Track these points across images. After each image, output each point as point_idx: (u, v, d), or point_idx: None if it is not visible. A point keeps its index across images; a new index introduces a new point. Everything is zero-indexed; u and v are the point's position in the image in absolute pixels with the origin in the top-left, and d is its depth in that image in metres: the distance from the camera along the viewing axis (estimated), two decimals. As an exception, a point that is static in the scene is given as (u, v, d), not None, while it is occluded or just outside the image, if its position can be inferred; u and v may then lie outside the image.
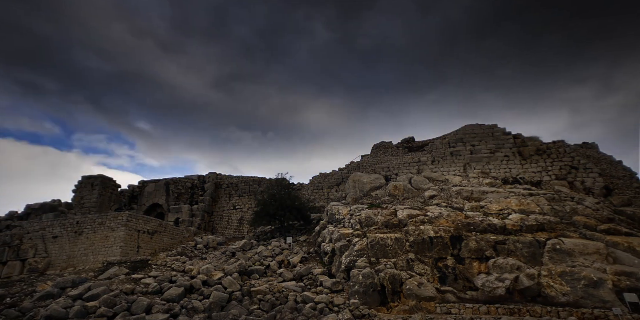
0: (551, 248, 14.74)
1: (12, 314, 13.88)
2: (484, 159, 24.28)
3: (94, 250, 19.47)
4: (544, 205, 18.01)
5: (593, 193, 20.62)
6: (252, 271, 17.21)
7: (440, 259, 15.52)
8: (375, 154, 28.58)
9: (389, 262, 15.59)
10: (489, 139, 24.88)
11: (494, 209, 18.26)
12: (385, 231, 17.55)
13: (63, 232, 20.38)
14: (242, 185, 31.30)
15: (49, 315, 13.09)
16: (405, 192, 22.71)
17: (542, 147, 23.75)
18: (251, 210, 28.27)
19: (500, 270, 14.36)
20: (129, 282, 15.78)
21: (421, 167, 25.62)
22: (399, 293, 14.22)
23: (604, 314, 12.10)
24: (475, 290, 14.19)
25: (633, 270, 13.27)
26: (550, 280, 13.60)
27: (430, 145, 26.64)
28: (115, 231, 19.69)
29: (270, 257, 19.19)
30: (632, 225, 16.73)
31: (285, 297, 14.61)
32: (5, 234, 20.99)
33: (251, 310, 14.02)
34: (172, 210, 29.01)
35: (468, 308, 13.31)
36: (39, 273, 18.86)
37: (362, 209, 20.07)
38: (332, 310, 13.55)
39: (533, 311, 12.79)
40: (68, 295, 14.60)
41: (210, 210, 30.22)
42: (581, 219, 16.61)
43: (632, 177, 22.59)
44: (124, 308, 13.54)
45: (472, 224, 16.71)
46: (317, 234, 21.29)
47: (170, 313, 13.44)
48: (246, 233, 28.14)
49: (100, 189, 29.50)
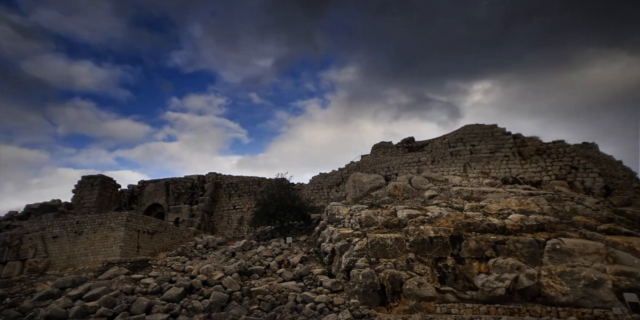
0: (551, 248, 14.74)
1: (12, 314, 13.88)
2: (484, 159, 24.28)
3: (94, 250, 19.47)
4: (544, 205, 18.01)
5: (593, 193, 20.62)
6: (252, 271, 17.21)
7: (440, 259, 15.52)
8: (375, 154, 28.59)
9: (389, 262, 15.58)
10: (488, 139, 24.89)
11: (494, 209, 18.26)
12: (385, 231, 17.54)
13: (63, 232, 20.38)
14: (242, 185, 31.31)
15: (48, 315, 13.09)
16: (405, 192, 22.71)
17: (542, 147, 23.77)
18: (251, 210, 28.26)
19: (500, 270, 14.35)
20: (129, 282, 15.78)
21: (421, 167, 25.63)
22: (399, 293, 14.22)
23: (604, 314, 12.09)
24: (475, 290, 14.19)
25: (633, 270, 13.27)
26: (550, 280, 13.60)
27: (430, 145, 26.64)
28: (115, 231, 19.69)
29: (270, 257, 19.19)
30: (632, 225, 16.74)
31: (285, 297, 14.60)
32: (5, 234, 20.97)
33: (251, 310, 14.01)
34: (172, 210, 29.02)
35: (468, 308, 13.31)
36: (38, 273, 18.84)
37: (362, 209, 20.06)
38: (332, 310, 13.54)
39: (533, 311, 12.78)
40: (68, 295, 14.61)
41: (210, 210, 30.21)
42: (581, 219, 16.61)
43: (632, 177, 22.61)
44: (123, 308, 13.55)
45: (472, 224, 16.71)
46: (317, 234, 21.29)
47: (170, 313, 13.44)
48: (246, 233, 28.13)
49: (100, 189, 29.49)
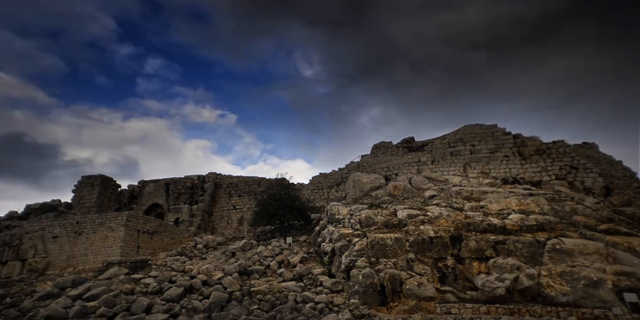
0: (551, 248, 14.74)
1: (12, 314, 13.88)
2: (484, 159, 24.27)
3: (93, 250, 19.47)
4: (544, 205, 18.01)
5: (593, 193, 20.61)
6: (252, 271, 17.20)
7: (440, 259, 15.51)
8: (375, 154, 28.59)
9: (389, 262, 15.58)
10: (488, 139, 24.88)
11: (494, 209, 18.26)
12: (385, 231, 17.54)
13: (63, 232, 20.37)
14: (242, 185, 31.29)
15: (48, 315, 13.10)
16: (405, 192, 22.70)
17: (542, 147, 23.75)
18: (251, 210, 28.22)
19: (500, 270, 14.35)
20: (129, 282, 15.78)
21: (421, 167, 25.62)
22: (399, 293, 14.21)
23: (604, 314, 12.09)
24: (475, 290, 14.19)
25: (633, 270, 13.27)
26: (550, 280, 13.60)
27: (430, 145, 26.64)
28: (115, 231, 19.69)
29: (270, 257, 19.18)
30: (632, 225, 16.72)
31: (285, 297, 14.60)
32: (5, 234, 20.98)
33: (251, 310, 14.01)
34: (172, 210, 29.01)
35: (468, 308, 13.30)
36: (38, 273, 18.84)
37: (362, 209, 20.05)
38: (332, 310, 13.54)
39: (533, 311, 12.78)
40: (68, 295, 14.61)
41: (210, 210, 30.19)
42: (581, 219, 16.61)
43: (632, 177, 22.61)
44: (123, 308, 13.56)
45: (472, 224, 16.71)
46: (317, 234, 21.29)
47: (170, 313, 13.45)
48: (246, 233, 28.11)
49: (100, 189, 29.48)
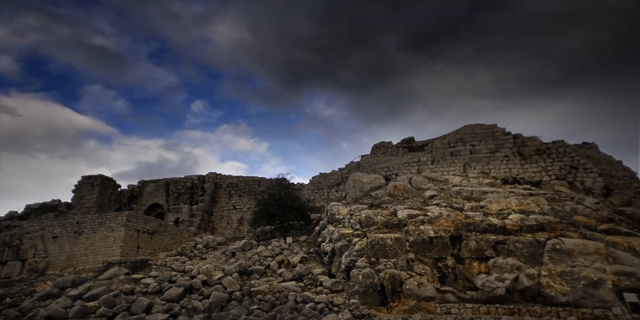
0: (551, 248, 14.74)
1: (12, 314, 13.88)
2: (484, 159, 24.27)
3: (93, 250, 19.46)
4: (544, 205, 18.00)
5: (593, 193, 20.61)
6: (252, 271, 17.20)
7: (440, 259, 15.51)
8: (375, 154, 28.58)
9: (389, 262, 15.58)
10: (488, 139, 24.88)
11: (494, 209, 18.26)
12: (385, 231, 17.54)
13: (63, 232, 20.37)
14: (242, 185, 31.28)
15: (49, 315, 13.10)
16: (405, 192, 22.70)
17: (542, 147, 23.75)
18: (251, 210, 28.22)
19: (500, 270, 14.35)
20: (129, 282, 15.77)
21: (421, 167, 25.62)
22: (399, 293, 14.21)
23: (604, 314, 12.09)
24: (475, 290, 14.19)
25: (633, 270, 13.26)
26: (550, 280, 13.60)
27: (430, 145, 26.63)
28: (115, 231, 19.69)
29: (270, 257, 19.18)
30: (632, 225, 16.72)
31: (285, 297, 14.60)
32: (5, 234, 20.98)
33: (251, 310, 14.01)
34: (172, 210, 29.01)
35: (468, 308, 13.30)
36: (38, 273, 18.84)
37: (362, 209, 20.05)
38: (332, 310, 13.54)
39: (533, 311, 12.78)
40: (68, 295, 14.62)
41: (210, 210, 30.19)
42: (581, 219, 16.61)
43: (632, 177, 22.60)
44: (123, 308, 13.56)
45: (472, 224, 16.71)
46: (317, 234, 21.28)
47: (170, 313, 13.45)
48: (246, 233, 28.11)
49: (100, 189, 29.49)
